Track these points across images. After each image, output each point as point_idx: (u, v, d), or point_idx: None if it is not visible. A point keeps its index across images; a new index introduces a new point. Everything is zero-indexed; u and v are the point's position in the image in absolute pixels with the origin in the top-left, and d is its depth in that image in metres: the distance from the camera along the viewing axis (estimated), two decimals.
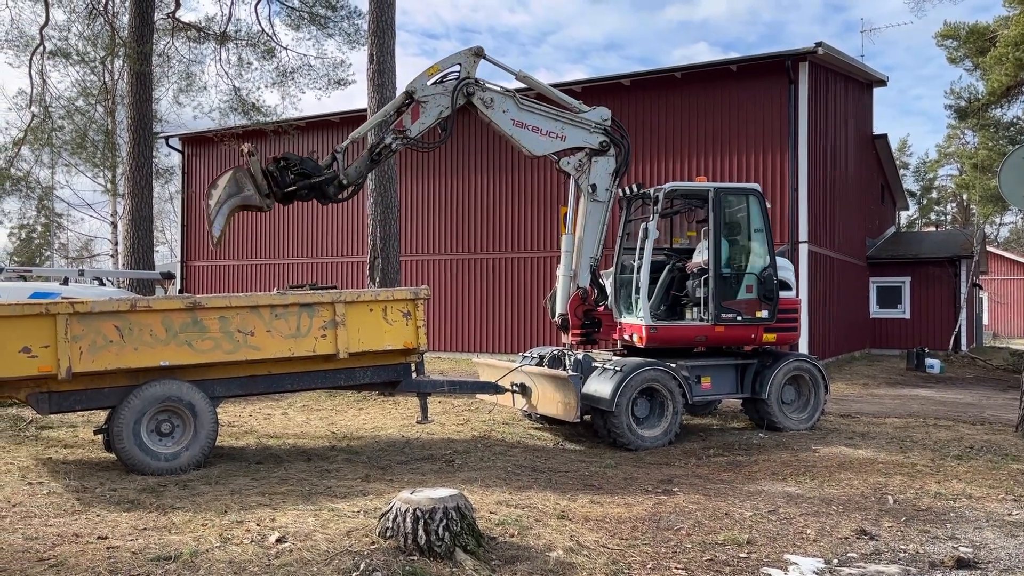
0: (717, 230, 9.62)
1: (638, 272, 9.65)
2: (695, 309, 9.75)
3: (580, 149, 9.88)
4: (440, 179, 20.97)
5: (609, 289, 10.23)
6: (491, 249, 20.31)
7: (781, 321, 9.95)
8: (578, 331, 9.99)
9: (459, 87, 9.31)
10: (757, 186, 10.23)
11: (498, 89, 9.61)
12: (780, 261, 10.32)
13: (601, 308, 10.13)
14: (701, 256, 10.00)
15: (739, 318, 9.68)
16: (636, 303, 9.73)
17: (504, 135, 9.69)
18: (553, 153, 9.85)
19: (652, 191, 10.01)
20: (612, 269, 10.53)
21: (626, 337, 9.95)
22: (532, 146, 9.66)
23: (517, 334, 19.84)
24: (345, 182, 9.04)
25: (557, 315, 10.11)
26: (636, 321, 9.67)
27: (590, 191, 9.84)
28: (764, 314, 9.77)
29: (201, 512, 5.70)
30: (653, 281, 9.88)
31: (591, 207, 9.91)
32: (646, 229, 9.60)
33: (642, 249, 9.64)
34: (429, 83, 9.29)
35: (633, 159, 17.92)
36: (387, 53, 14.56)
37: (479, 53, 9.53)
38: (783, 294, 10.02)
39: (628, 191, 10.39)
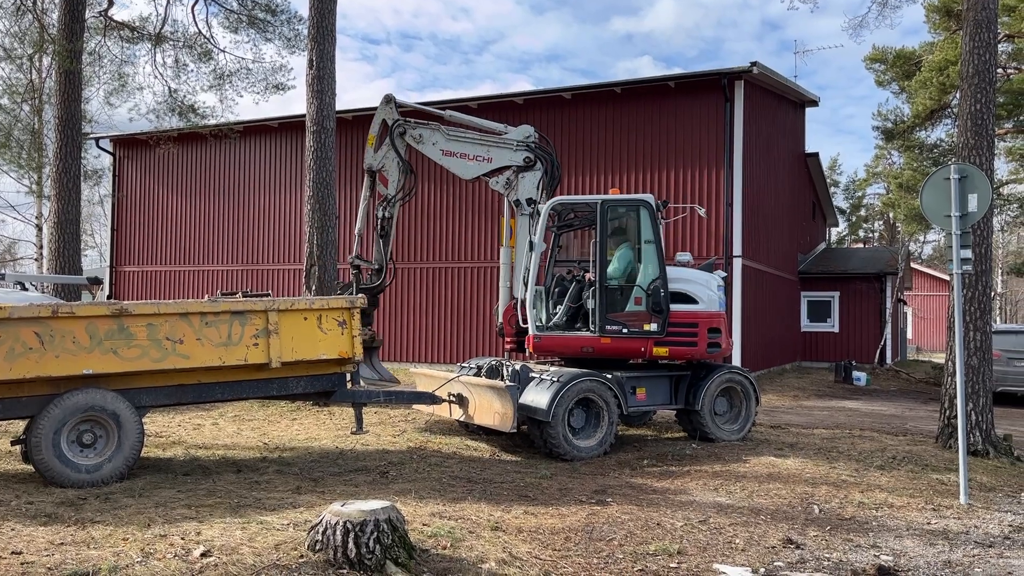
0: (603, 242, 9.61)
1: (526, 283, 9.99)
2: (586, 320, 9.81)
3: (508, 168, 10.67)
4: None
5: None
6: (432, 259, 20.23)
7: (675, 335, 9.57)
8: (511, 340, 10.39)
9: (393, 135, 10.53)
10: (649, 197, 9.80)
11: (426, 125, 10.75)
12: (688, 273, 9.93)
13: None
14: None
15: (624, 330, 9.52)
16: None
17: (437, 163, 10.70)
18: (483, 175, 10.78)
19: (538, 206, 10.44)
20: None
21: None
22: (462, 172, 10.77)
23: (458, 344, 19.77)
24: (378, 267, 11.25)
25: (499, 324, 10.52)
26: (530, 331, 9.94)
27: (517, 206, 10.49)
28: (653, 327, 9.47)
29: (123, 526, 5.52)
30: (549, 293, 10.27)
31: (522, 220, 10.47)
32: (530, 242, 9.94)
33: (537, 263, 9.92)
34: (377, 153, 10.86)
35: (573, 173, 18.24)
36: (327, 59, 14.40)
37: (390, 100, 11.08)
38: (686, 307, 9.65)
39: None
